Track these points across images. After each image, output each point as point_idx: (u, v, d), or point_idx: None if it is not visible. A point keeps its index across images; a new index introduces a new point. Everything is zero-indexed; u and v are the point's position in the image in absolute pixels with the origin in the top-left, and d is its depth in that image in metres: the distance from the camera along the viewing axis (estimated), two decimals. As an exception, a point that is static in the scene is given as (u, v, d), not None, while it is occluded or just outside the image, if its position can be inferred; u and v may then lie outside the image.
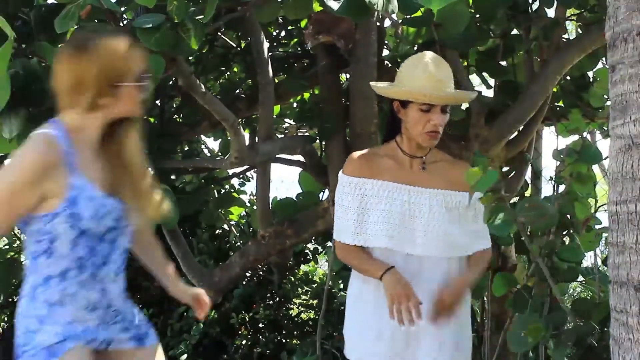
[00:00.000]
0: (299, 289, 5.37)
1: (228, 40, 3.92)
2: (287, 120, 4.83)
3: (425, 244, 2.11)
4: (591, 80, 3.80)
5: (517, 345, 2.03)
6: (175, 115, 4.18)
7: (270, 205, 3.68)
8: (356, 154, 2.24)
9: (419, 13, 2.86)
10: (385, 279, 2.05)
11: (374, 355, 2.14)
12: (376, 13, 2.93)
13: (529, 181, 3.97)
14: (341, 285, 5.02)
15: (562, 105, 3.93)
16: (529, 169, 3.93)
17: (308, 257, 5.22)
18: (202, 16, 2.50)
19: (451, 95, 2.14)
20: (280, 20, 3.81)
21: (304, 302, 5.38)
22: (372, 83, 2.31)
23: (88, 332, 1.77)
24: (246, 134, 3.97)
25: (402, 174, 2.16)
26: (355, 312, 2.23)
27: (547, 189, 4.06)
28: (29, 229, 1.73)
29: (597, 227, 2.31)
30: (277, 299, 5.18)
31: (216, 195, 4.74)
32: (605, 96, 3.66)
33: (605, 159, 2.25)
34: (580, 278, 2.43)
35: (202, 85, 2.91)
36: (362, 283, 2.19)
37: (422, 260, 2.12)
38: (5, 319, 5.47)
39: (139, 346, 1.87)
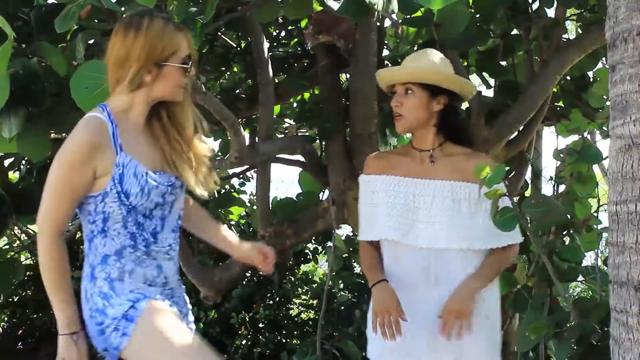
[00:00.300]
0: (299, 289, 5.38)
1: (228, 40, 3.92)
2: (287, 120, 4.82)
3: (430, 235, 2.10)
4: (591, 80, 3.80)
5: (522, 345, 2.02)
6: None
7: (270, 205, 3.68)
8: (372, 154, 2.33)
9: (419, 13, 2.86)
10: (374, 291, 2.08)
11: (391, 353, 2.14)
12: (376, 13, 2.92)
13: (529, 181, 3.97)
14: (341, 285, 5.03)
15: (562, 105, 3.93)
16: (529, 169, 3.93)
17: (308, 257, 5.22)
18: (202, 16, 2.50)
19: (398, 71, 2.15)
20: (281, 20, 3.80)
21: (304, 302, 5.39)
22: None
23: (153, 294, 1.82)
24: (246, 134, 3.98)
25: (410, 168, 2.18)
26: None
27: (547, 189, 4.06)
28: (84, 210, 1.82)
29: (597, 227, 2.31)
30: (277, 299, 5.18)
31: (216, 195, 4.74)
32: (604, 96, 3.66)
33: (605, 159, 2.25)
34: (581, 278, 2.43)
35: (202, 85, 2.91)
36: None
37: (431, 255, 2.11)
38: (5, 318, 5.47)
39: None
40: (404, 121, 2.14)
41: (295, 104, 4.54)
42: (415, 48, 3.38)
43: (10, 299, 5.39)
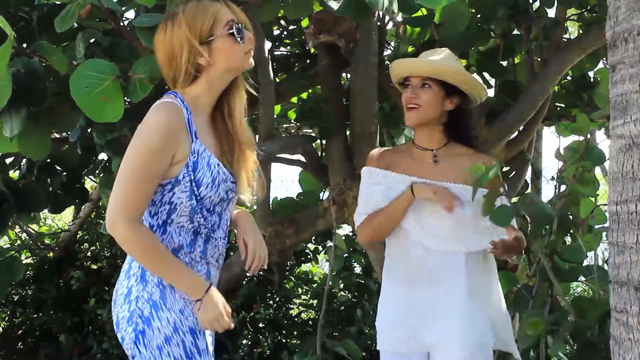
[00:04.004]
0: (299, 289, 5.38)
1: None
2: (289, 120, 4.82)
3: (433, 236, 2.10)
4: (592, 80, 3.80)
5: (522, 342, 2.03)
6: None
7: (270, 205, 3.68)
8: (375, 149, 2.33)
9: (419, 13, 2.86)
10: (415, 187, 2.08)
11: (393, 341, 2.15)
12: (377, 13, 2.93)
13: (529, 181, 3.97)
14: (341, 285, 5.03)
15: (563, 105, 3.93)
16: (529, 169, 3.93)
17: (308, 257, 5.22)
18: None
19: (420, 63, 2.14)
20: (282, 20, 3.80)
21: (304, 302, 5.39)
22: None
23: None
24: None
25: (413, 167, 2.17)
26: (380, 306, 2.26)
27: (547, 189, 4.07)
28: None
29: (596, 227, 2.31)
30: (277, 299, 5.18)
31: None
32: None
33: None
34: (581, 278, 2.43)
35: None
36: (389, 282, 2.23)
37: (432, 255, 2.11)
38: (6, 318, 5.48)
39: None
40: (419, 112, 2.12)
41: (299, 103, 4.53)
42: (416, 48, 3.38)
43: (10, 299, 5.39)
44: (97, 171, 4.09)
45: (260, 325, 5.07)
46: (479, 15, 3.23)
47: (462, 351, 2.04)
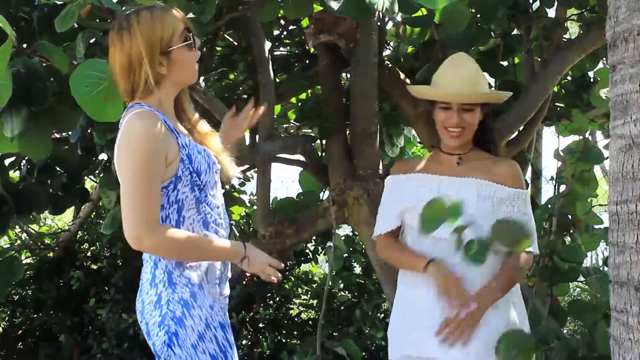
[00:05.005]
0: (299, 289, 5.38)
1: (232, 40, 3.92)
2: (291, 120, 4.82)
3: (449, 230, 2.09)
4: (592, 80, 3.80)
5: None
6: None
7: (270, 205, 3.68)
8: (398, 160, 2.39)
9: (419, 13, 2.86)
10: (432, 272, 2.07)
11: (404, 344, 2.16)
12: (377, 13, 2.92)
13: (529, 181, 3.97)
14: (341, 285, 5.03)
15: (563, 105, 3.93)
16: (529, 169, 3.93)
17: (308, 257, 5.22)
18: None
19: (463, 92, 2.13)
20: (282, 20, 3.80)
21: (304, 302, 5.39)
22: (408, 87, 2.34)
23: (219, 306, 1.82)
24: (246, 134, 3.97)
25: (436, 167, 2.21)
26: (394, 309, 2.28)
27: (547, 189, 4.06)
28: None
29: (596, 227, 2.31)
30: (277, 299, 5.18)
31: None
32: (605, 97, 3.67)
33: (606, 159, 2.25)
34: (581, 278, 2.43)
35: (203, 84, 2.92)
36: (403, 285, 2.23)
37: (450, 248, 2.09)
38: (6, 318, 5.48)
39: None
40: (465, 134, 2.15)
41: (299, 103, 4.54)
42: (416, 48, 3.39)
43: (10, 299, 5.39)
44: (97, 171, 4.09)
45: (260, 325, 5.07)
46: (479, 15, 3.23)
47: None
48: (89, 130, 3.17)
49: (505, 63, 3.62)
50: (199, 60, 1.87)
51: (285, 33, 3.99)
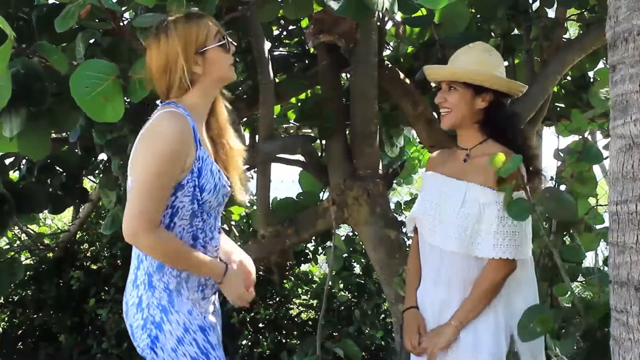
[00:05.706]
0: (299, 289, 5.37)
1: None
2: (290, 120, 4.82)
3: (442, 233, 2.09)
4: (592, 80, 3.81)
5: (525, 335, 1.98)
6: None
7: (270, 205, 3.68)
8: (435, 151, 2.39)
9: (419, 13, 2.86)
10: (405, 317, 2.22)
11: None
12: (377, 13, 2.92)
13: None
14: (341, 285, 5.03)
15: (563, 105, 3.93)
16: (529, 169, 3.92)
17: (308, 257, 5.22)
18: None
19: (442, 69, 2.16)
20: (282, 20, 3.80)
21: (304, 302, 5.38)
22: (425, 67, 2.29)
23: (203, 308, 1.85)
24: (246, 134, 3.97)
25: (448, 165, 2.20)
26: None
27: (547, 189, 4.05)
28: None
29: (597, 227, 2.31)
30: (277, 299, 5.17)
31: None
32: (604, 96, 3.67)
33: (605, 159, 2.25)
34: (581, 278, 2.42)
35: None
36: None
37: (442, 254, 2.10)
38: (5, 318, 5.47)
39: None
40: (450, 115, 2.12)
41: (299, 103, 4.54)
42: (416, 48, 3.39)
43: (10, 299, 5.39)
44: (97, 171, 4.09)
45: (260, 325, 5.07)
46: (479, 15, 3.24)
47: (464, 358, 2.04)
48: (92, 130, 3.18)
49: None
50: None
51: (285, 33, 3.99)
